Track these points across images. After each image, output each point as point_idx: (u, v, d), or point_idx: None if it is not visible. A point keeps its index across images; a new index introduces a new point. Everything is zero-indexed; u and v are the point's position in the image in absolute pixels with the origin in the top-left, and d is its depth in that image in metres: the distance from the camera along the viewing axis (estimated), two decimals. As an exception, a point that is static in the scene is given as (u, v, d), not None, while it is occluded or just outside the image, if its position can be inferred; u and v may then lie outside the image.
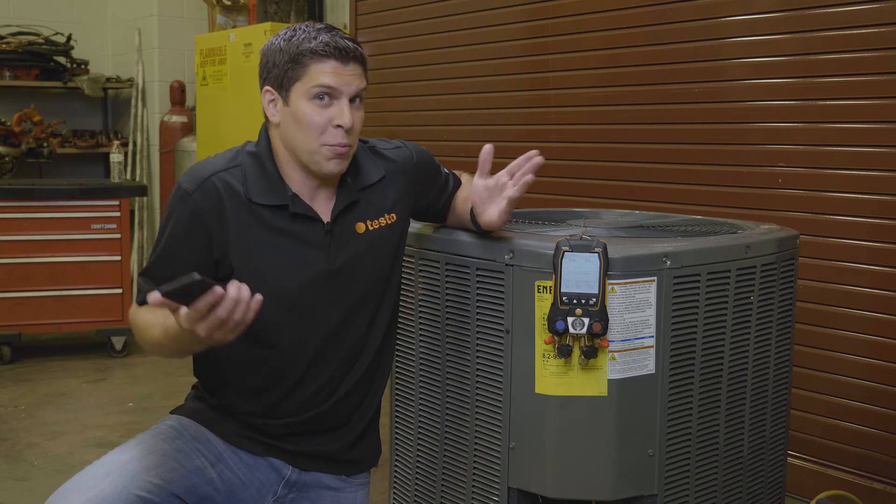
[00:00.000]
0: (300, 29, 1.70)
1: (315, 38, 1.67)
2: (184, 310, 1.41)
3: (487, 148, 1.77)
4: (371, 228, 1.81)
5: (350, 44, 1.69)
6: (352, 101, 1.70)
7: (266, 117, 1.76)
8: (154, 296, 1.37)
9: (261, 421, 1.80)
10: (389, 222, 1.83)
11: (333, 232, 1.76)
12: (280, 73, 1.69)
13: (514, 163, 1.78)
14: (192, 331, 1.45)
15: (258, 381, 1.78)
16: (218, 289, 1.40)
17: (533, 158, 1.77)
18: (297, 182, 1.75)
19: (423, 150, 1.95)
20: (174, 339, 1.57)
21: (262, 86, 1.74)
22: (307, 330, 1.76)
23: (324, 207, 1.77)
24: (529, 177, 1.75)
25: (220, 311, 1.42)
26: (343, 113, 1.67)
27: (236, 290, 1.43)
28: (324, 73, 1.66)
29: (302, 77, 1.67)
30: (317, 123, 1.67)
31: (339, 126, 1.67)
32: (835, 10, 2.79)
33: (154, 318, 1.63)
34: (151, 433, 1.77)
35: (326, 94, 1.67)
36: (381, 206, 1.83)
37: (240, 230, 1.71)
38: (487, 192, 1.77)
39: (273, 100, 1.72)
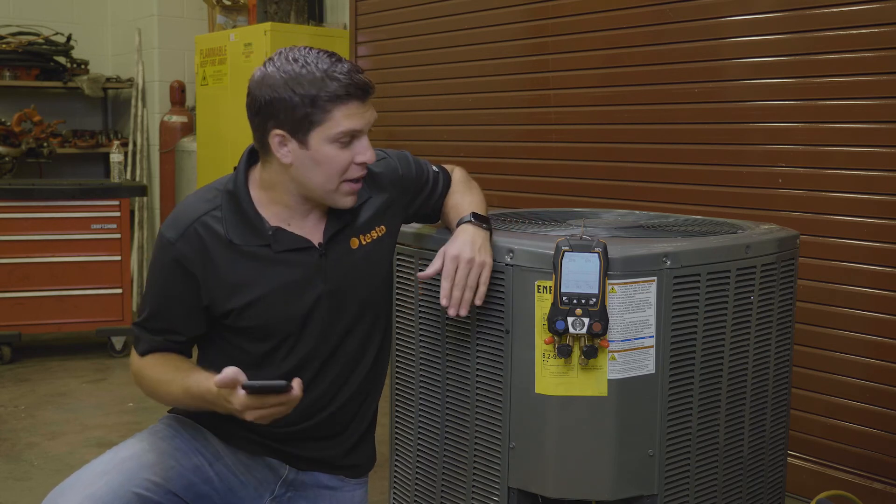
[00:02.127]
0: (306, 64, 1.61)
1: (332, 77, 1.60)
2: (241, 394, 1.48)
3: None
4: (364, 243, 1.80)
5: (363, 78, 1.65)
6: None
7: (265, 150, 1.69)
8: (222, 379, 1.47)
9: (257, 426, 1.80)
10: (380, 234, 1.83)
11: (328, 254, 1.75)
12: (295, 117, 1.61)
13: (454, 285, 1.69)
14: (218, 405, 1.55)
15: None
16: (294, 392, 1.50)
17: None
18: (290, 208, 1.72)
19: (405, 157, 1.93)
20: (194, 399, 1.63)
21: (262, 124, 1.66)
22: (310, 349, 1.76)
23: (316, 227, 1.76)
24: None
25: (283, 408, 1.51)
26: (367, 150, 1.66)
27: (299, 389, 1.51)
28: (348, 116, 1.62)
29: (324, 122, 1.61)
30: (340, 165, 1.65)
31: (361, 163, 1.66)
32: (835, 10, 2.79)
33: (173, 375, 1.67)
34: (150, 432, 1.77)
35: (350, 137, 1.64)
36: (372, 220, 1.82)
37: (230, 271, 1.70)
38: None
39: (283, 142, 1.65)
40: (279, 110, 1.62)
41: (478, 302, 1.69)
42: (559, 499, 1.73)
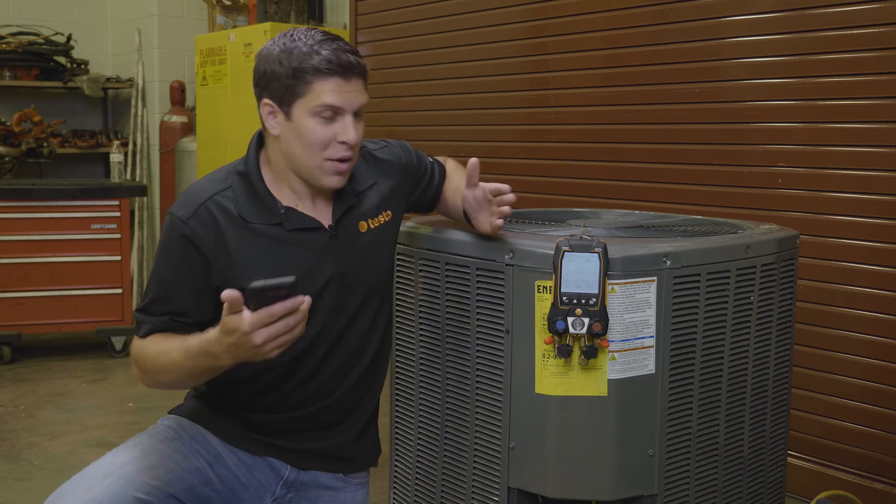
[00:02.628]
0: (299, 39, 1.66)
1: (318, 52, 1.63)
2: (246, 313, 1.41)
3: (474, 162, 1.75)
4: (372, 227, 1.82)
5: (352, 58, 1.66)
6: (354, 114, 1.68)
7: (263, 127, 1.74)
8: (232, 293, 1.40)
9: (260, 416, 1.80)
10: (387, 219, 1.86)
11: (338, 235, 1.76)
12: (281, 87, 1.66)
13: (492, 187, 1.73)
14: (222, 347, 1.46)
15: (263, 381, 1.78)
16: (302, 297, 1.43)
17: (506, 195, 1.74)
18: (295, 190, 1.74)
19: (406, 146, 1.97)
20: (195, 357, 1.55)
21: (259, 95, 1.71)
22: (317, 334, 1.76)
23: (324, 209, 1.77)
24: (506, 208, 1.74)
25: (291, 319, 1.43)
26: (348, 130, 1.66)
27: (308, 302, 1.45)
28: (327, 91, 1.63)
29: (305, 94, 1.64)
30: (320, 140, 1.65)
31: (342, 142, 1.66)
32: (835, 10, 2.79)
33: (173, 343, 1.63)
34: (149, 434, 1.77)
35: (330, 112, 1.65)
36: (379, 205, 1.85)
37: (243, 250, 1.70)
38: (477, 202, 1.77)
39: (273, 112, 1.69)
40: (270, 81, 1.67)
41: (489, 229, 1.72)
42: (559, 499, 1.73)
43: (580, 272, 1.62)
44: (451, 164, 2.07)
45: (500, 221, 1.73)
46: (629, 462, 1.70)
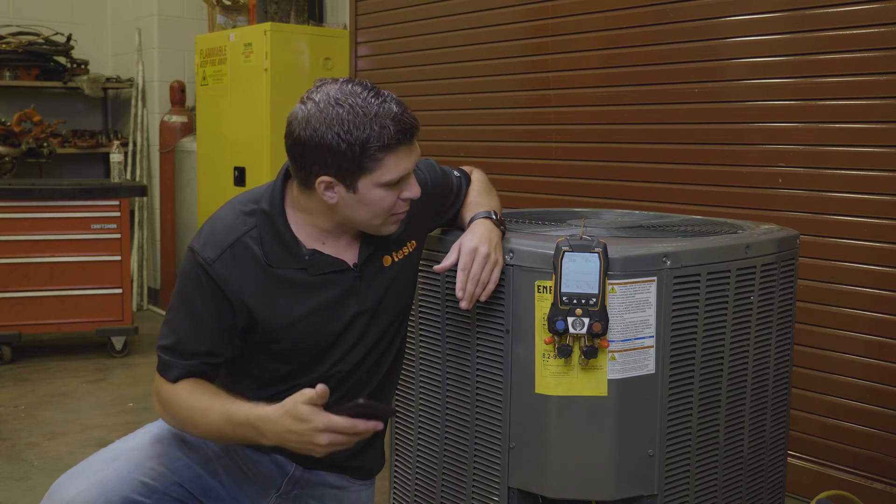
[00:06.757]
0: (355, 107, 1.55)
1: (384, 126, 1.55)
2: (340, 419, 1.48)
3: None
4: (396, 260, 1.79)
5: (409, 117, 1.59)
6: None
7: (304, 185, 1.63)
8: (324, 388, 1.48)
9: None
10: (411, 249, 1.82)
11: (363, 275, 1.74)
12: (344, 164, 1.56)
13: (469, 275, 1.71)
14: (279, 429, 1.51)
15: (280, 395, 1.77)
16: (380, 424, 1.52)
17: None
18: (324, 229, 1.69)
19: (431, 165, 1.91)
20: (237, 426, 1.57)
21: (309, 167, 1.58)
22: (335, 363, 1.76)
23: (350, 246, 1.74)
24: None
25: (356, 438, 1.51)
26: (413, 187, 1.65)
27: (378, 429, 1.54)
28: (398, 163, 1.59)
29: (375, 170, 1.57)
30: (388, 204, 1.63)
31: (407, 199, 1.65)
32: (835, 10, 2.79)
33: (210, 402, 1.61)
34: (158, 424, 1.78)
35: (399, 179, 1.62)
36: (403, 236, 1.80)
37: (267, 294, 1.67)
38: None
39: (332, 186, 1.60)
40: (326, 156, 1.56)
41: (483, 298, 1.70)
42: (559, 499, 1.73)
43: (580, 272, 1.62)
44: (475, 176, 2.01)
45: (463, 304, 1.71)
46: (629, 462, 1.70)
